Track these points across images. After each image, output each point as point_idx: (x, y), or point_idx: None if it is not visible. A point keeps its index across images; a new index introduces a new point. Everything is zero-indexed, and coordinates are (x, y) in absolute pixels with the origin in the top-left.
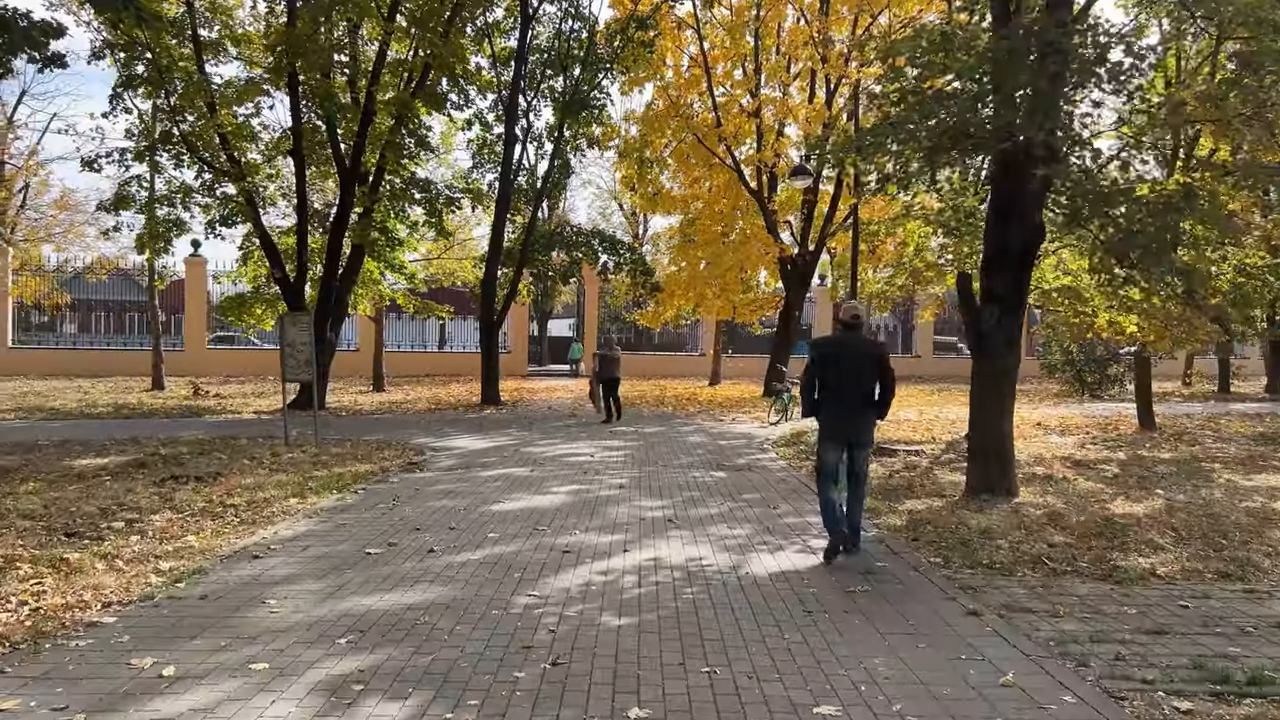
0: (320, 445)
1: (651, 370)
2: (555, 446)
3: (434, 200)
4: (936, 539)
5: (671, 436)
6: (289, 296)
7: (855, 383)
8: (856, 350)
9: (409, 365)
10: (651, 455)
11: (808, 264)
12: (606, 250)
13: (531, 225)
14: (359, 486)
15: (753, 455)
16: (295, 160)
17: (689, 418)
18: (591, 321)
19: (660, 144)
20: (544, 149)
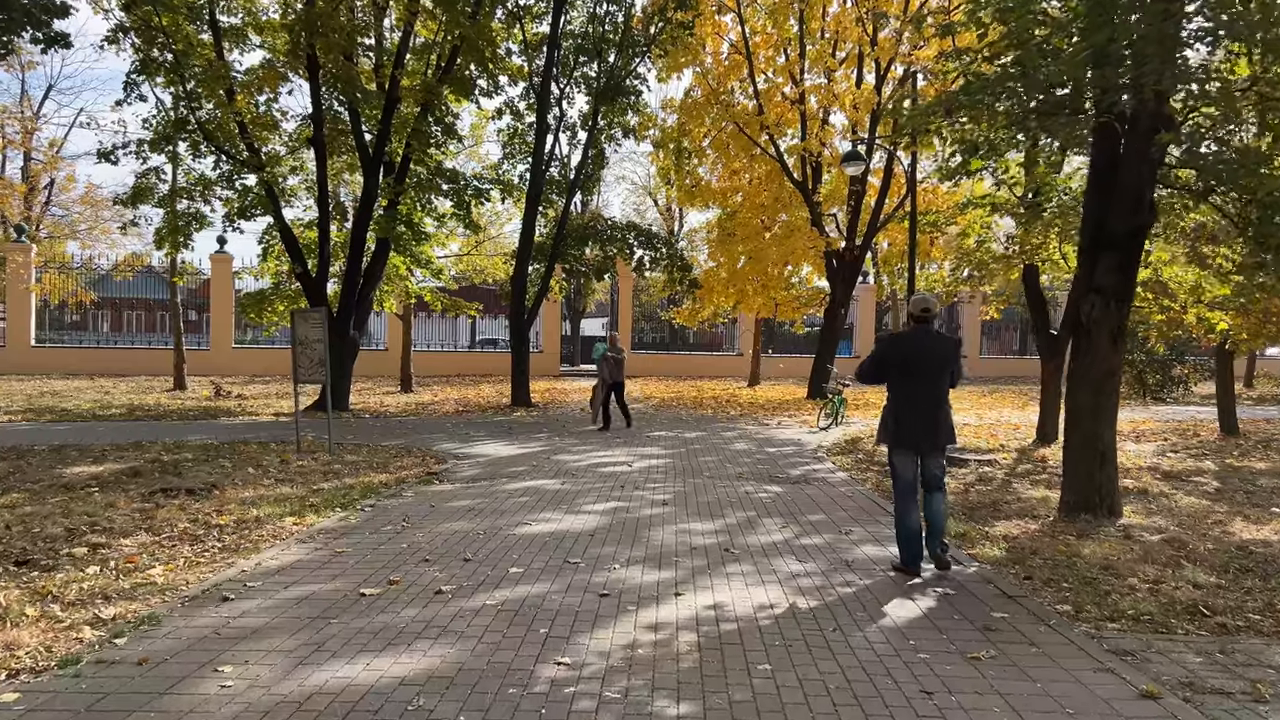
0: (334, 452)
1: (687, 370)
2: (589, 454)
3: (462, 192)
4: (1052, 576)
5: (714, 443)
6: (310, 293)
7: (929, 383)
8: (930, 347)
9: (439, 365)
10: (695, 465)
11: (855, 259)
12: (642, 245)
13: (564, 218)
14: (367, 502)
15: (807, 465)
16: (316, 149)
17: (730, 422)
18: (626, 319)
19: (699, 133)
20: (577, 139)
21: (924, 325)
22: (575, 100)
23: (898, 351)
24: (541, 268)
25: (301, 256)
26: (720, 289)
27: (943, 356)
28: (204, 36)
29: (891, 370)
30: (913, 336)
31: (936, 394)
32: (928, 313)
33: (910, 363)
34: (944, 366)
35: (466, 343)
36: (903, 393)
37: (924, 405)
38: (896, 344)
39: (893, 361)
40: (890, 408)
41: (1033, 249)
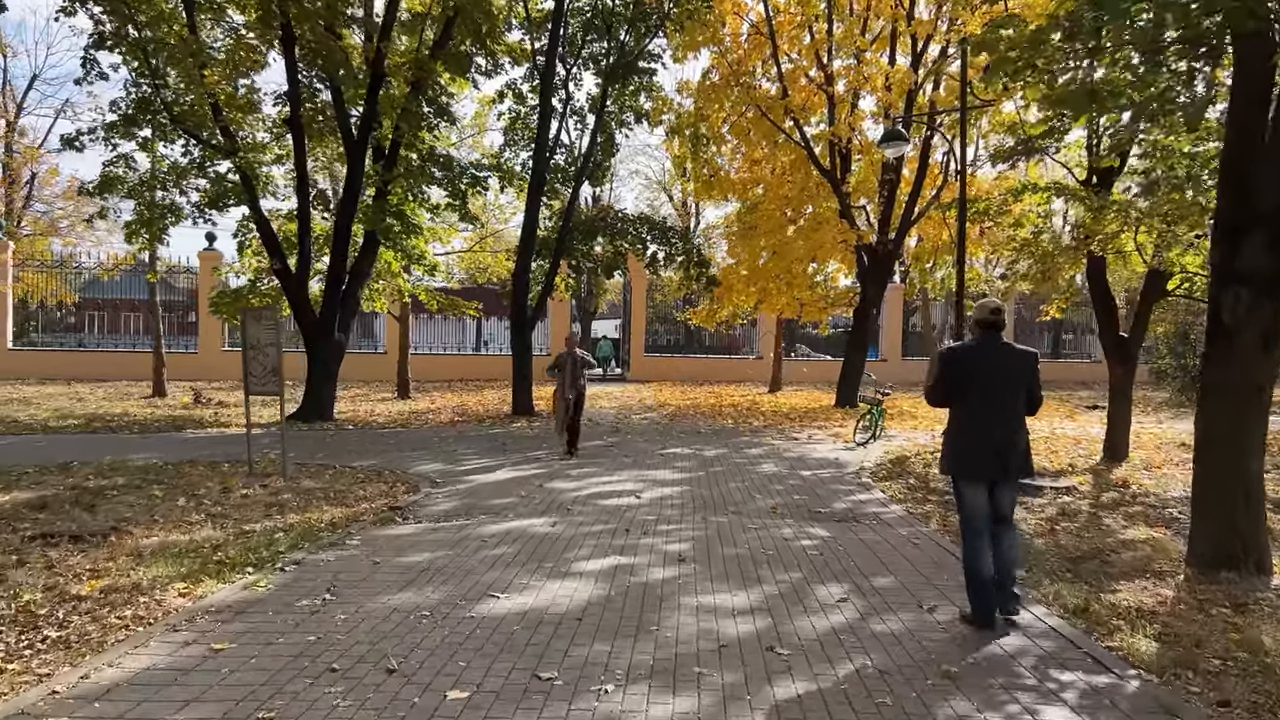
0: (291, 477)
1: (704, 374)
2: (589, 480)
3: (456, 180)
4: (1245, 685)
5: (739, 463)
6: (290, 291)
7: (1000, 403)
8: (1001, 360)
9: (441, 369)
10: (717, 496)
11: (888, 254)
12: (656, 239)
13: (570, 210)
14: (295, 556)
15: (851, 494)
16: (293, 131)
17: (754, 435)
18: (639, 321)
19: (718, 119)
20: (585, 123)
21: (992, 333)
22: (583, 82)
23: (961, 366)
24: (546, 264)
25: (280, 251)
26: (740, 287)
27: (1017, 372)
28: (169, 4)
29: (961, 387)
30: (979, 348)
31: (1009, 416)
32: (998, 315)
33: (977, 379)
34: (1018, 384)
35: (472, 345)
36: (968, 414)
37: (994, 430)
38: (960, 357)
39: (956, 377)
40: (953, 431)
41: (1107, 238)
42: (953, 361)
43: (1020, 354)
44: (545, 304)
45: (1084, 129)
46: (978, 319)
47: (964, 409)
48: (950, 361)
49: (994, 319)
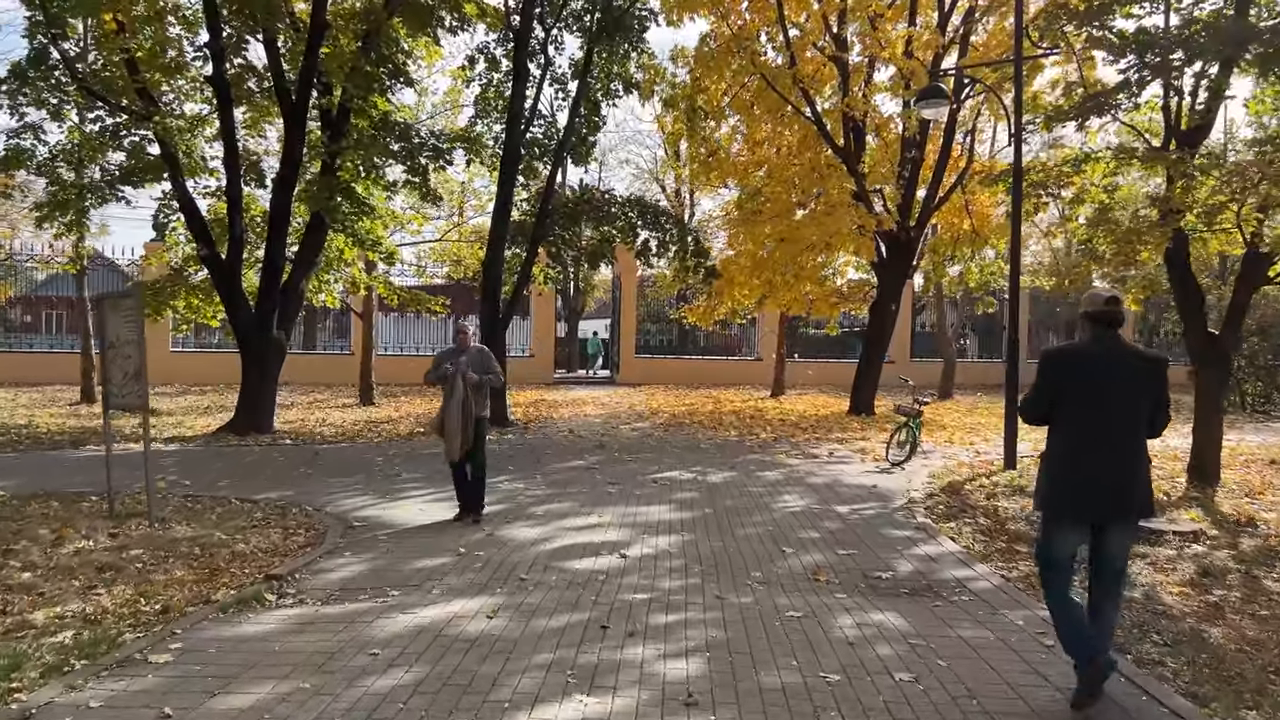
0: (161, 520)
1: (699, 377)
2: (561, 522)
3: (416, 152)
4: None
5: (754, 493)
6: (221, 281)
7: (1117, 418)
8: (1120, 364)
9: (413, 372)
10: (730, 550)
11: (909, 242)
12: (648, 225)
13: (549, 190)
14: (38, 698)
15: (912, 544)
16: (216, 90)
17: (765, 450)
18: (629, 319)
19: (717, 91)
20: (568, 92)
21: (1108, 331)
22: (564, 45)
23: (1069, 371)
24: (522, 251)
25: (208, 235)
26: (743, 280)
27: (1139, 380)
28: None
29: (1065, 398)
30: (1091, 349)
31: (1128, 435)
32: (1114, 308)
33: (1088, 388)
34: (1141, 396)
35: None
36: (1074, 432)
37: (1108, 452)
38: (1067, 359)
39: (1061, 385)
40: (1054, 455)
41: (1211, 209)
42: (1058, 365)
43: (1144, 358)
44: (525, 300)
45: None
46: (1088, 312)
47: (1069, 426)
48: (1054, 365)
49: (1109, 311)
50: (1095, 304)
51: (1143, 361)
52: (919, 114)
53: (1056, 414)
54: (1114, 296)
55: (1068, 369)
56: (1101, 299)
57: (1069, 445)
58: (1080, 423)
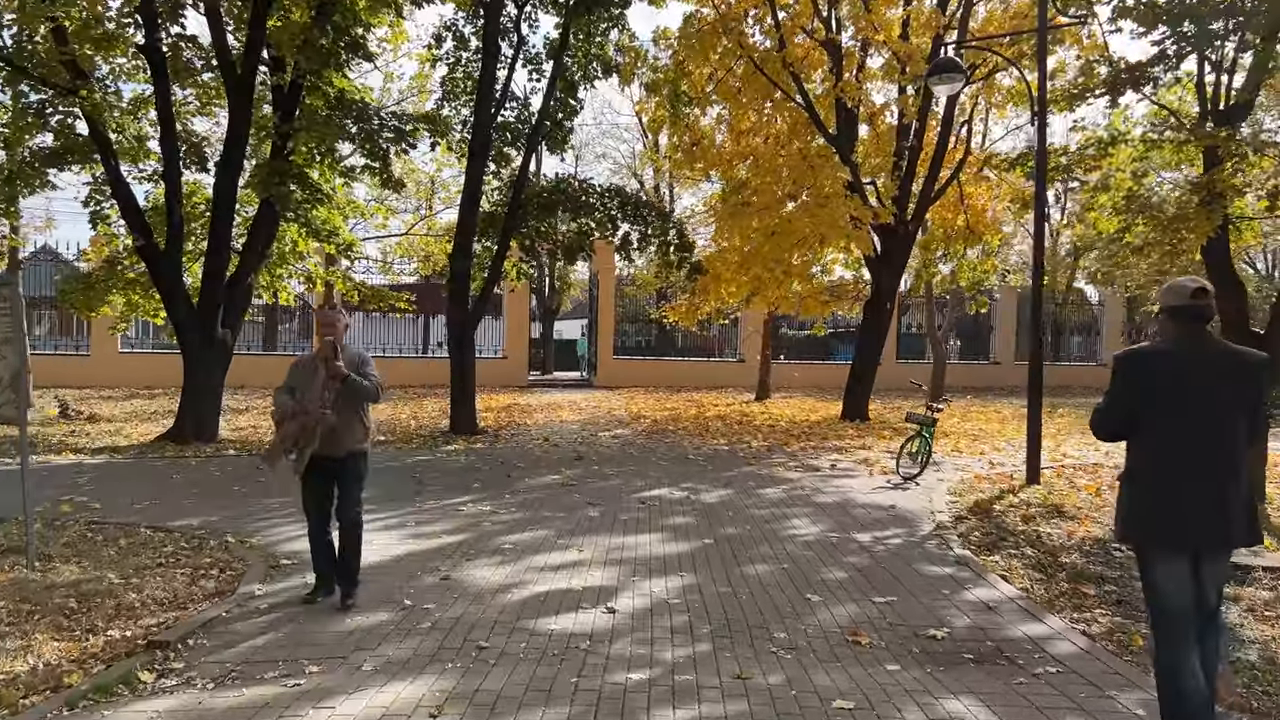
0: (44, 559)
1: (679, 379)
2: (532, 559)
3: (375, 134)
4: None
5: (758, 517)
6: (159, 275)
7: (1213, 429)
8: (1215, 368)
9: (385, 374)
10: (743, 599)
11: (906, 236)
12: (630, 218)
13: (522, 178)
14: None
15: (957, 587)
16: (150, 61)
17: (760, 461)
18: (607, 319)
19: (702, 75)
20: (542, 72)
21: (1197, 328)
22: (539, 24)
23: (1154, 377)
24: (492, 245)
25: (144, 223)
26: (730, 276)
27: (1237, 385)
28: None
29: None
30: (1179, 350)
31: (1226, 448)
32: (1203, 302)
33: (1178, 396)
34: (1238, 399)
35: (417, 347)
36: (1161, 447)
37: (1204, 469)
38: (1150, 364)
39: (1145, 394)
40: (1139, 476)
41: (1275, 193)
42: (1139, 370)
43: (1242, 358)
44: (497, 297)
45: (1194, 59)
46: (1172, 306)
47: (1155, 440)
48: (1135, 370)
49: (1197, 305)
50: (1179, 296)
51: (1239, 361)
52: (933, 89)
53: (1138, 426)
54: (1202, 287)
55: (1151, 374)
56: (1187, 290)
57: (1156, 462)
58: (1168, 436)
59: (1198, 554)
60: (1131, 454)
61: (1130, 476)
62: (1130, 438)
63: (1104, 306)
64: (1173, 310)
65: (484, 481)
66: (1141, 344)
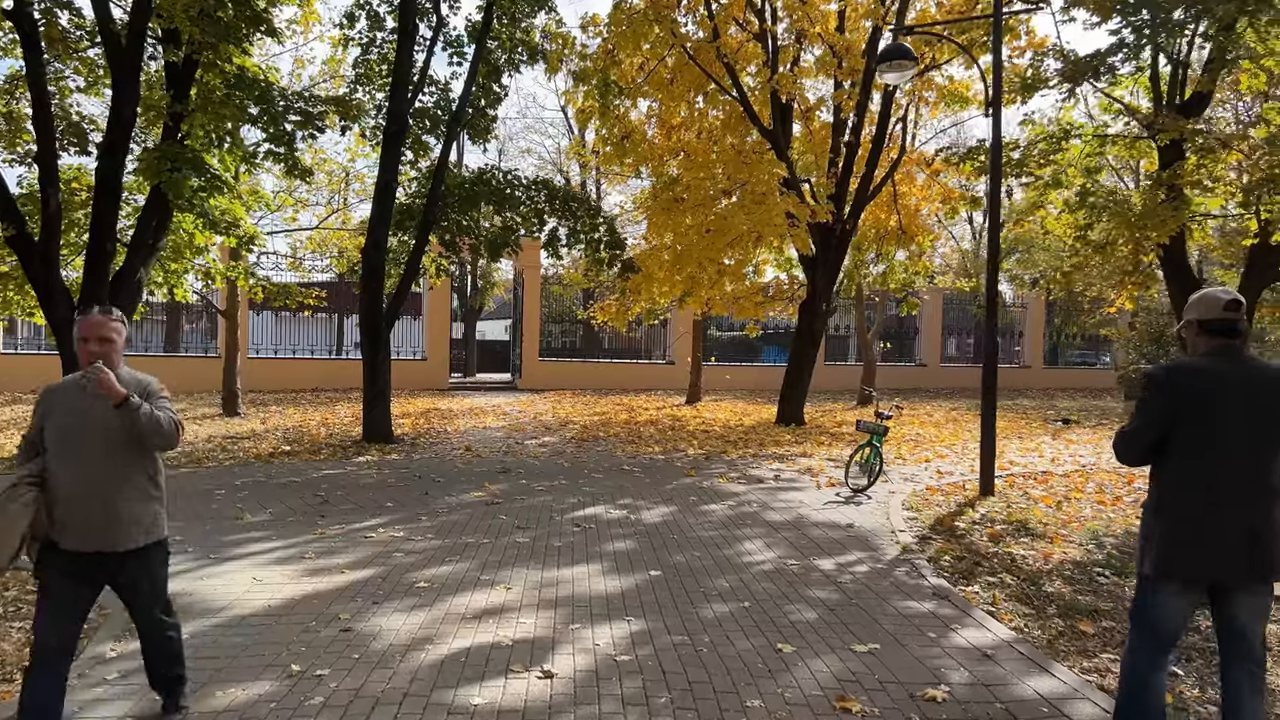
0: None
1: (606, 382)
2: (450, 601)
3: (279, 117)
4: None
5: (707, 539)
6: (33, 269)
7: (1247, 453)
8: (1251, 387)
9: (292, 376)
10: (703, 653)
11: (843, 235)
12: (558, 212)
13: (442, 167)
14: None
15: (936, 623)
16: (17, 26)
17: (701, 472)
18: (532, 320)
19: (633, 64)
20: (464, 56)
21: (1229, 344)
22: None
23: (1185, 397)
24: (409, 238)
25: (15, 211)
26: (663, 275)
27: (1273, 400)
28: None
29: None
30: (1211, 367)
31: (1262, 472)
32: (1237, 315)
33: (1209, 414)
34: (1275, 420)
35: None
36: (1192, 471)
37: (1237, 498)
38: (1183, 381)
39: (1177, 414)
40: (1167, 502)
41: (1256, 187)
42: (1171, 388)
43: (1277, 379)
44: (417, 296)
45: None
46: (1203, 320)
47: (1187, 463)
48: (1167, 388)
49: (1231, 319)
50: (1212, 309)
51: (1277, 381)
52: (883, 78)
53: (1167, 450)
54: (1236, 299)
55: (1183, 393)
56: (1220, 302)
57: (1187, 487)
58: (1200, 459)
59: (1227, 588)
60: (1160, 479)
61: (1159, 507)
62: (1158, 462)
63: (1026, 309)
64: (1205, 324)
65: (398, 500)
66: (1173, 358)
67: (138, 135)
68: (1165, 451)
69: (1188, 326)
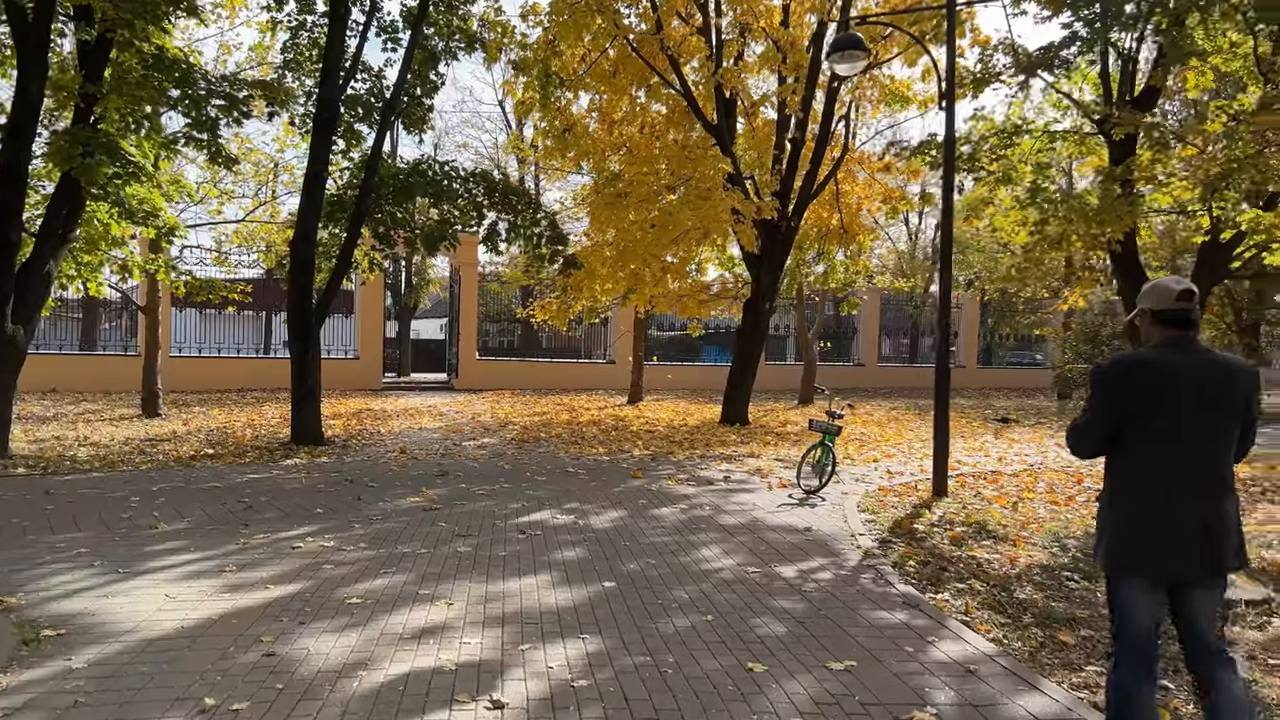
0: None
1: (545, 382)
2: (386, 620)
3: (201, 101)
4: None
5: (659, 546)
6: None
7: (1202, 448)
8: (1205, 379)
9: (218, 376)
10: (669, 674)
11: (788, 233)
12: (497, 205)
13: (375, 157)
14: None
15: (910, 635)
16: None
17: (647, 472)
18: (469, 319)
19: (575, 55)
20: (400, 42)
21: (1182, 334)
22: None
23: (1138, 390)
24: (341, 231)
25: None
26: (607, 272)
27: (1227, 393)
28: None
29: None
30: (1166, 360)
31: (1216, 466)
32: (1190, 305)
33: (1163, 407)
34: (1230, 413)
35: (258, 346)
36: (1147, 465)
37: (1190, 491)
38: (1134, 375)
39: (1129, 408)
40: (1121, 497)
41: (1220, 181)
42: (1123, 381)
43: (1232, 369)
44: (349, 293)
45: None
46: (1155, 310)
47: (1141, 458)
48: (1119, 381)
49: (1184, 309)
50: (1165, 299)
51: (1230, 372)
52: (835, 69)
53: (1121, 442)
54: (1189, 289)
55: (1136, 385)
56: (1173, 292)
57: (1141, 480)
58: (1154, 452)
59: (1184, 586)
60: (1114, 473)
61: (1113, 500)
62: (1111, 455)
63: (961, 309)
64: (1158, 314)
65: (328, 506)
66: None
67: (48, 118)
68: (1118, 444)
69: (1141, 316)
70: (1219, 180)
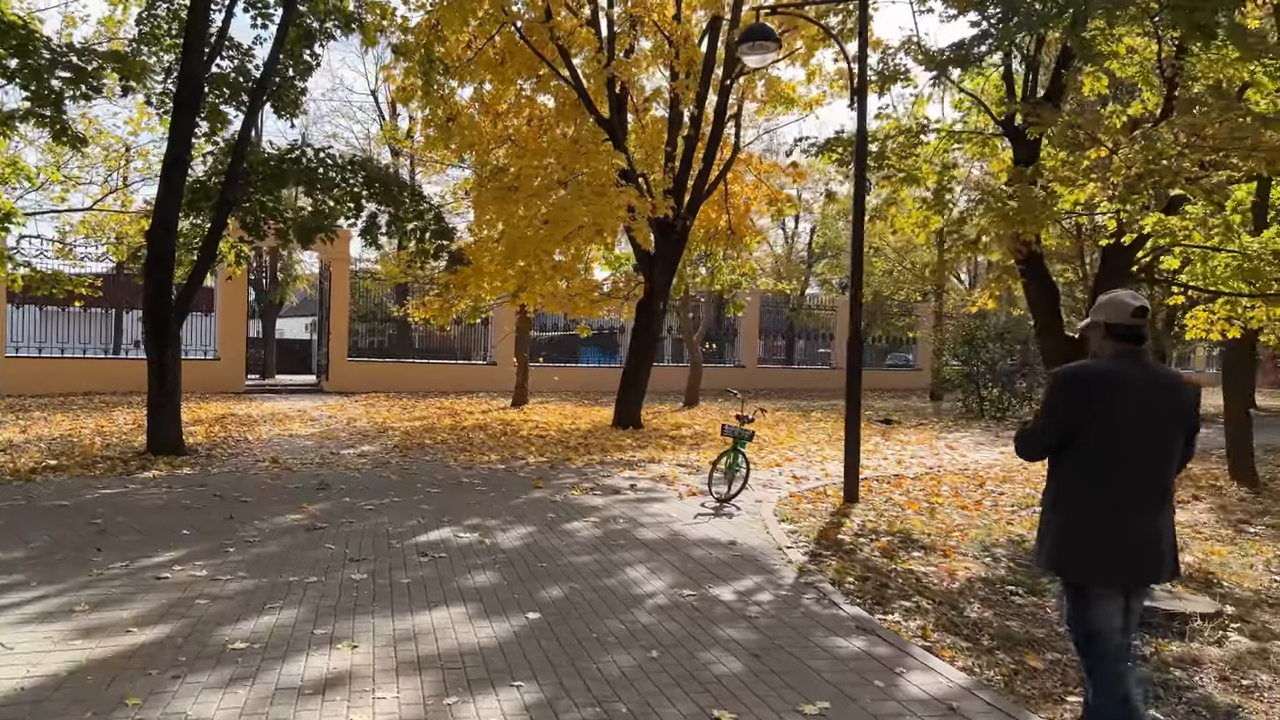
0: None
1: (423, 384)
2: (277, 670)
3: (43, 74)
4: None
5: (579, 567)
6: None
7: (1149, 461)
8: (1153, 394)
9: (62, 378)
10: None
11: (684, 232)
12: (377, 197)
13: (243, 141)
14: None
15: (874, 665)
16: None
17: (548, 481)
18: (340, 318)
19: (459, 41)
20: (271, 18)
21: (1134, 350)
22: None
23: (1091, 401)
24: (204, 221)
25: None
26: (495, 269)
27: (1173, 413)
28: None
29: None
30: (1117, 371)
31: (1159, 477)
32: (1143, 321)
33: (1114, 418)
34: (1176, 426)
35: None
36: (1094, 473)
37: (1142, 498)
38: (1089, 385)
39: (1079, 417)
40: (1069, 504)
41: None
42: (1077, 391)
43: (1179, 382)
44: (208, 290)
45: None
46: (1110, 324)
47: (1089, 466)
48: (1073, 390)
49: (1138, 325)
50: (1121, 314)
51: (1177, 385)
52: (744, 59)
53: (1068, 448)
54: (1143, 306)
55: (1089, 395)
56: (1129, 308)
57: (1088, 487)
58: (1102, 461)
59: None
60: (1060, 480)
61: (1057, 503)
62: (1058, 460)
63: (835, 312)
64: (1112, 329)
65: (196, 526)
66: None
67: None
68: (1065, 449)
69: (1094, 328)
70: (1137, 181)
